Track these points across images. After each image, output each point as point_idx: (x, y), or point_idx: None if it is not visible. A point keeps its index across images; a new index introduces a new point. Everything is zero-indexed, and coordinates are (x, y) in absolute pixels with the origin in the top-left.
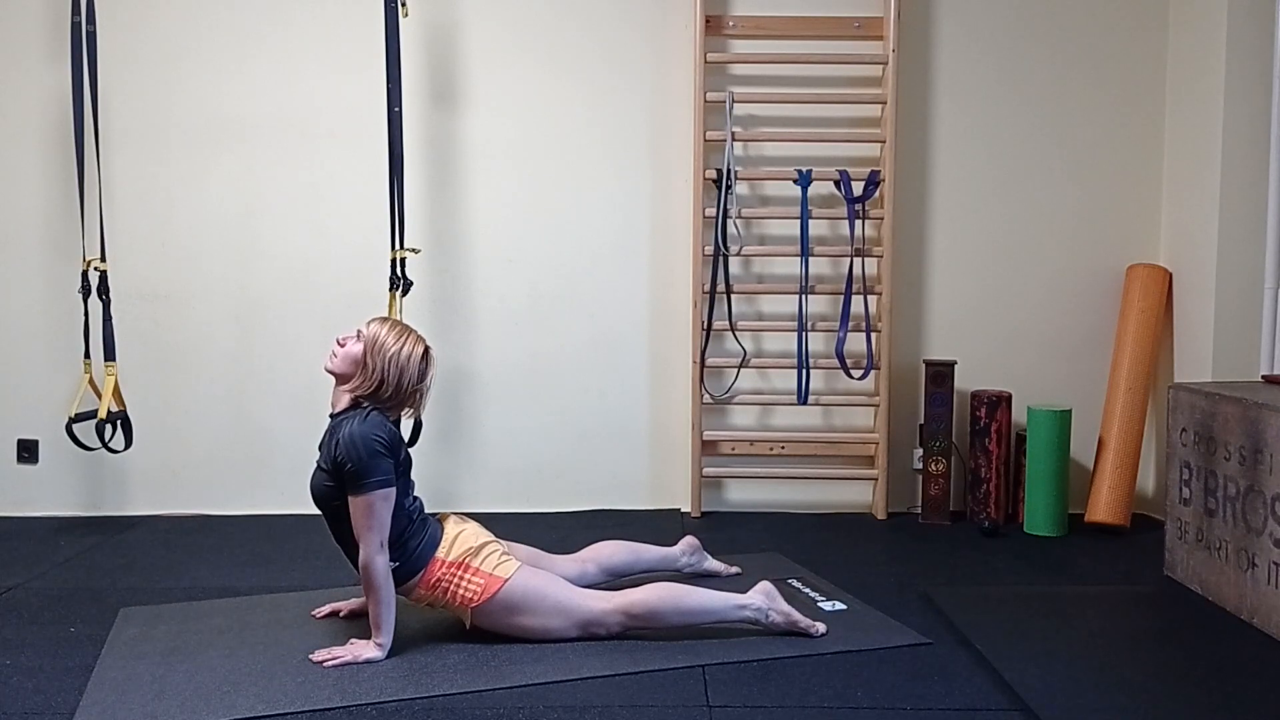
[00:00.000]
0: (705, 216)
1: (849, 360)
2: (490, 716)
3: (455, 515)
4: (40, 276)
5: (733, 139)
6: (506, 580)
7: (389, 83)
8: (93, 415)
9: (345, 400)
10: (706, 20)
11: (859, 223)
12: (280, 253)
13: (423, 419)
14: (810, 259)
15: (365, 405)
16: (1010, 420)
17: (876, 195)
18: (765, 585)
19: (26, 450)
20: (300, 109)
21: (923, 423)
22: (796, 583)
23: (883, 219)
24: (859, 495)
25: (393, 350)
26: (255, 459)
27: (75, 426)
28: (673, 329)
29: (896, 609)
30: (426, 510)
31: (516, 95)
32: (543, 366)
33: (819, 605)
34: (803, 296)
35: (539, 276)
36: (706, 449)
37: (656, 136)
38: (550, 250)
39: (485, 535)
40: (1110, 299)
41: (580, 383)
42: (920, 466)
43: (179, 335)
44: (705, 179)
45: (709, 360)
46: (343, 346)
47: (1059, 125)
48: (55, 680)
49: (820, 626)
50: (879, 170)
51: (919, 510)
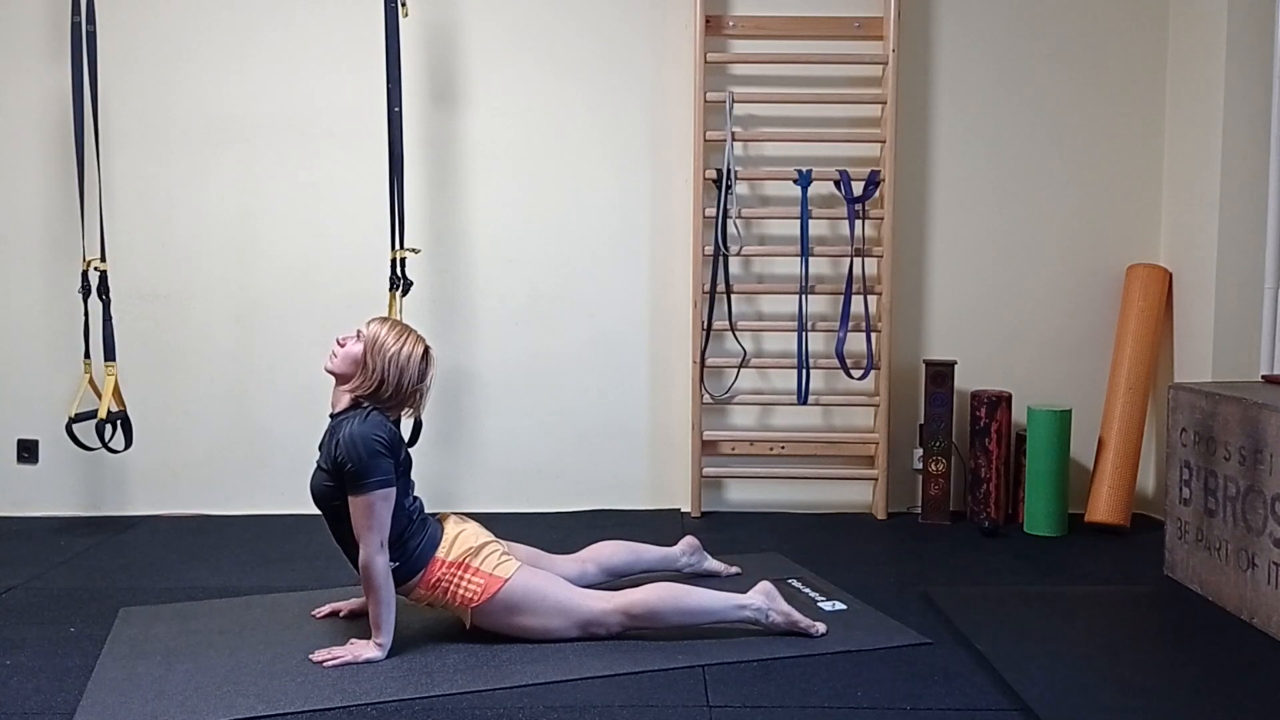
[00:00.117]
0: (705, 216)
1: (849, 360)
2: (490, 716)
3: (455, 515)
4: (40, 276)
5: (733, 139)
6: (506, 580)
7: (389, 83)
8: (93, 415)
9: (345, 400)
10: (706, 20)
11: (859, 223)
12: (280, 253)
13: (423, 419)
14: (810, 259)
15: (365, 405)
16: (1010, 420)
17: (876, 195)
18: (765, 585)
19: (26, 450)
20: (300, 109)
21: (923, 423)
22: (796, 583)
23: (883, 219)
24: (859, 495)
25: (393, 350)
26: (255, 459)
27: (75, 426)
28: (673, 329)
29: (896, 609)
30: (426, 510)
31: (516, 95)
32: (543, 366)
33: (819, 605)
34: (803, 296)
35: (539, 276)
36: (706, 449)
37: (656, 136)
38: (550, 250)
39: (485, 535)
40: (1110, 299)
41: (580, 383)
42: (920, 466)
43: (179, 335)
44: (705, 179)
45: (709, 360)
46: (343, 346)
47: (1059, 125)
48: (55, 680)
49: (820, 626)
50: (879, 170)
51: (919, 510)
